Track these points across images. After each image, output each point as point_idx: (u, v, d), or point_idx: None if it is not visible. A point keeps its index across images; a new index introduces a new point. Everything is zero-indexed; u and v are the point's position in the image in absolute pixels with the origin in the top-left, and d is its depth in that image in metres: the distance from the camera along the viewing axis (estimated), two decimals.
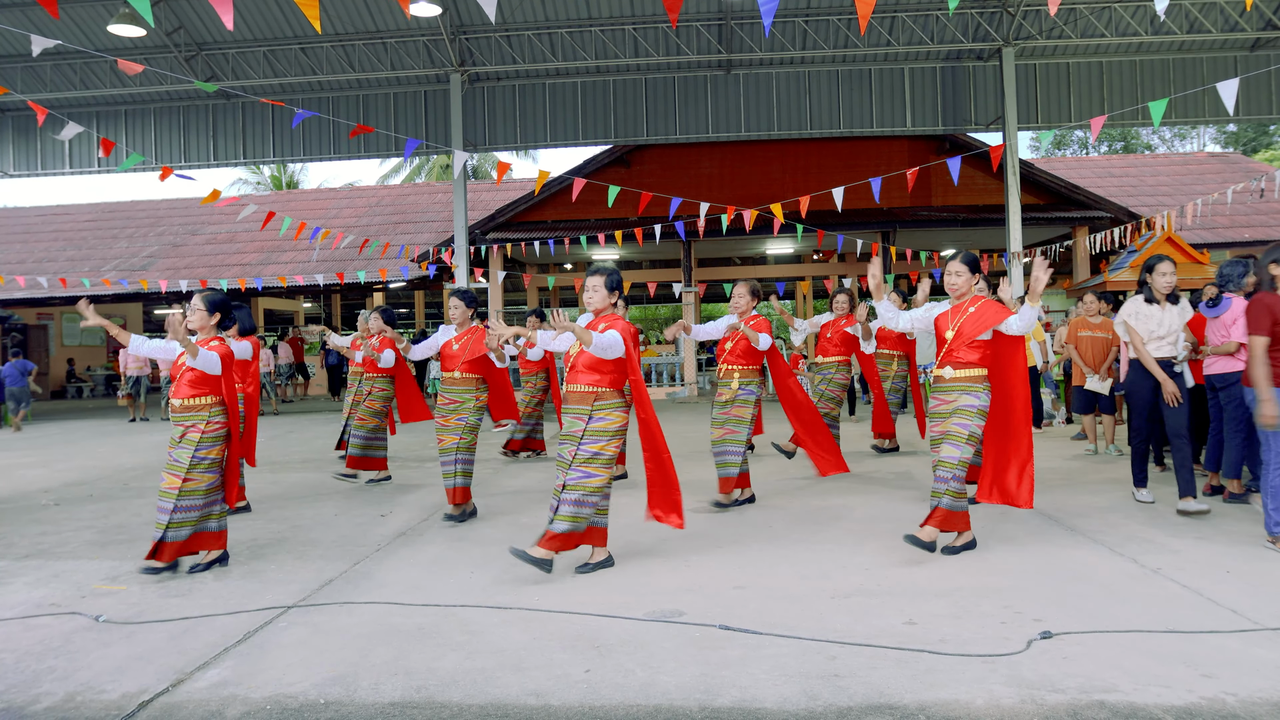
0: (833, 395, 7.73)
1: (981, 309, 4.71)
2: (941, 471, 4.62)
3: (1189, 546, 4.71)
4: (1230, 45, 14.98)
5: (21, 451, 11.02)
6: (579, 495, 4.38)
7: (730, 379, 6.02)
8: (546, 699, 2.95)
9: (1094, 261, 17.90)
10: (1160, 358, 5.67)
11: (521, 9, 14.11)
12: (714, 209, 12.13)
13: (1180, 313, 5.74)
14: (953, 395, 4.69)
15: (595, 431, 4.44)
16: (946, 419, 4.70)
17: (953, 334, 4.71)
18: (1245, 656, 3.14)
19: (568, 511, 4.36)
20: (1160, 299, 5.71)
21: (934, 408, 4.80)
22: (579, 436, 4.44)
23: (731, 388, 5.99)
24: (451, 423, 5.84)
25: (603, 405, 4.46)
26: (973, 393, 4.64)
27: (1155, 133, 37.84)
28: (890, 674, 3.07)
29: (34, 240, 23.07)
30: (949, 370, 4.71)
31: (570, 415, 4.53)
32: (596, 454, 4.42)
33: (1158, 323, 5.68)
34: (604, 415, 4.45)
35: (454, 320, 5.99)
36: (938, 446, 4.72)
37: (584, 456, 4.42)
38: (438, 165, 33.83)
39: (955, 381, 4.69)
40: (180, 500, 4.58)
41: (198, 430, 4.66)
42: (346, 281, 17.44)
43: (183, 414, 4.69)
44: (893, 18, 14.31)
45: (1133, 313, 5.76)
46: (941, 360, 4.76)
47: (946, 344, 4.74)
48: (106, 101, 16.30)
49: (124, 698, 3.05)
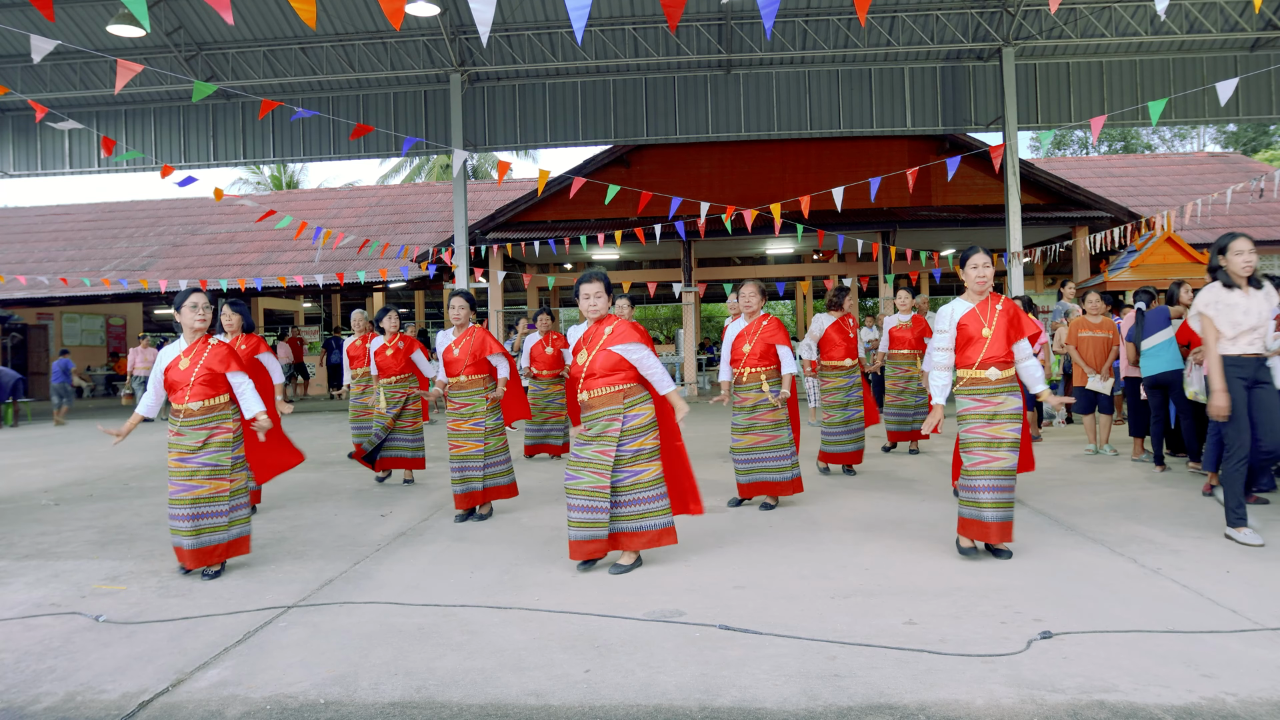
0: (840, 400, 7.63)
1: (1012, 310, 4.56)
2: (1005, 480, 4.42)
3: (1189, 546, 4.71)
4: (1230, 45, 14.99)
5: (21, 451, 11.02)
6: (636, 495, 4.44)
7: (757, 381, 5.92)
8: (546, 699, 2.95)
9: (1094, 261, 17.90)
10: (1248, 355, 4.78)
11: (521, 9, 14.12)
12: (714, 209, 12.13)
13: (1267, 297, 4.85)
14: (999, 397, 4.47)
15: (634, 429, 4.46)
16: (997, 423, 4.45)
17: (991, 332, 4.49)
18: (1245, 656, 3.14)
19: (634, 510, 4.43)
20: (1240, 282, 4.83)
21: (970, 409, 4.53)
22: (617, 437, 4.42)
23: (762, 390, 5.90)
24: (466, 428, 5.82)
25: (633, 401, 4.48)
26: (1016, 393, 4.50)
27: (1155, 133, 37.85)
28: (890, 674, 3.07)
29: (34, 240, 23.06)
30: (994, 371, 4.47)
31: (602, 418, 4.47)
32: (639, 451, 4.46)
33: (1244, 311, 4.76)
34: (637, 411, 4.48)
35: (455, 320, 5.97)
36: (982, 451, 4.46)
37: (626, 457, 4.44)
38: (438, 165, 33.83)
39: (1001, 383, 4.47)
40: (233, 499, 4.62)
41: (226, 430, 4.63)
42: (346, 281, 17.43)
43: (204, 415, 4.60)
44: (893, 18, 14.32)
45: (1212, 301, 4.84)
46: (984, 361, 4.48)
47: (985, 343, 4.49)
48: (106, 101, 16.30)
49: (124, 698, 3.05)
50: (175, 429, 4.60)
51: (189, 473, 4.55)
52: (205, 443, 4.58)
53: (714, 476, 7.26)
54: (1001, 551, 4.52)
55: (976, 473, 4.46)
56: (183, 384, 4.60)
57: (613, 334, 4.53)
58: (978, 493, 4.45)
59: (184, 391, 4.59)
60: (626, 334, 4.52)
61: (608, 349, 4.50)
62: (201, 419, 4.59)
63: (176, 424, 4.60)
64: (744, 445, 5.98)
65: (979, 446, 4.48)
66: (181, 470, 4.55)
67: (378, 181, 35.11)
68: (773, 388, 5.91)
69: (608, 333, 4.53)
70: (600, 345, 4.52)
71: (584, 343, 4.60)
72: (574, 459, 4.52)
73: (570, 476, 4.50)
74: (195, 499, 4.52)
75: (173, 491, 4.55)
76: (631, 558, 4.54)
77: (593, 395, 4.50)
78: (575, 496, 4.45)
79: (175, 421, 4.61)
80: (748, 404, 5.96)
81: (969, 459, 4.51)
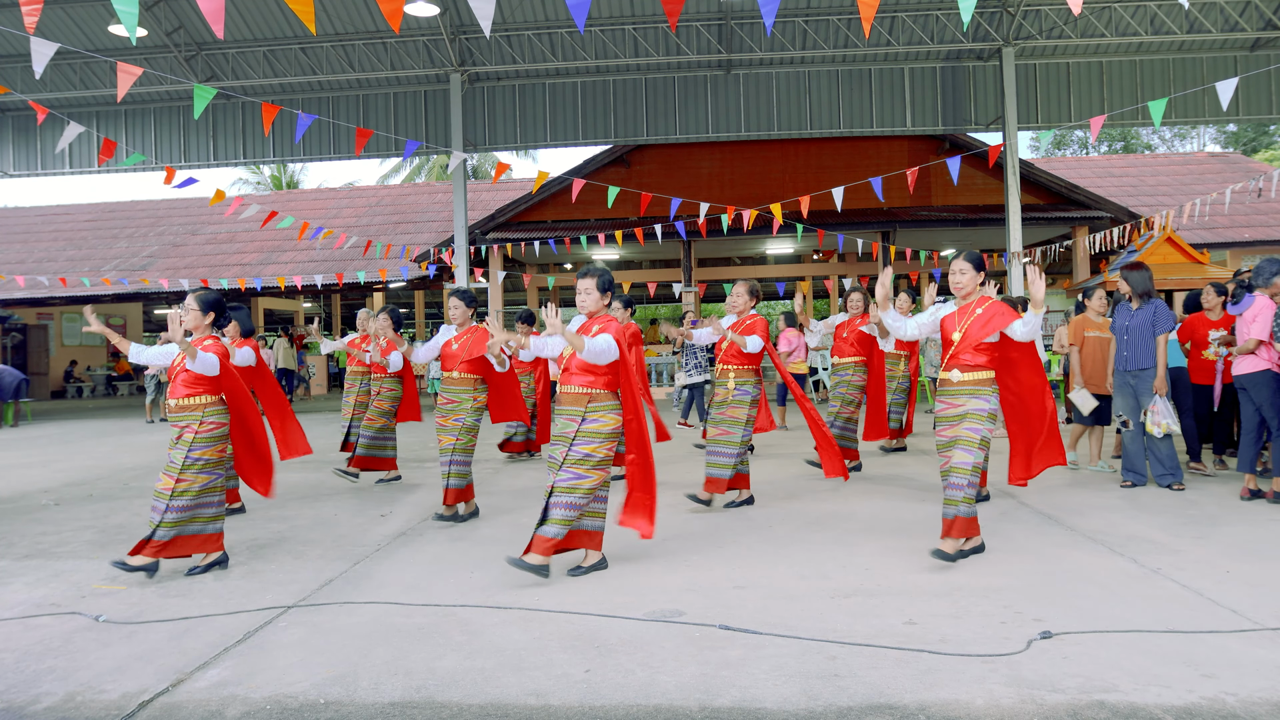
0: (851, 397, 7.64)
1: (990, 310, 4.56)
2: (955, 479, 4.45)
3: (1189, 546, 4.71)
4: (1230, 45, 14.99)
5: (21, 451, 11.02)
6: (569, 499, 4.33)
7: (726, 379, 6.01)
8: (546, 699, 2.94)
9: (1094, 261, 17.90)
10: None
11: (521, 9, 14.12)
12: (714, 209, 12.14)
13: None
14: (961, 400, 4.53)
15: (588, 433, 4.39)
16: (956, 423, 4.52)
17: (959, 336, 4.56)
18: (1245, 656, 3.14)
19: (558, 515, 4.32)
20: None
21: (940, 411, 4.62)
22: (570, 438, 4.39)
23: (728, 387, 5.98)
24: (449, 423, 5.82)
25: (596, 407, 4.41)
26: (981, 396, 4.50)
27: (1155, 133, 37.84)
28: (890, 674, 3.07)
29: (34, 240, 23.07)
30: (956, 373, 4.54)
31: (563, 417, 4.47)
32: (588, 455, 4.37)
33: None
34: (598, 417, 4.40)
35: (454, 320, 5.98)
36: (947, 451, 4.54)
37: (575, 458, 4.36)
38: (438, 165, 33.81)
39: (963, 385, 4.53)
40: (172, 500, 4.54)
41: (192, 430, 4.65)
42: (346, 281, 17.44)
43: (179, 414, 4.68)
44: (893, 18, 14.32)
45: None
46: (947, 363, 4.58)
47: (953, 346, 4.57)
48: (106, 101, 16.30)
49: (124, 698, 3.05)
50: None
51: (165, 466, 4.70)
52: (177, 439, 4.66)
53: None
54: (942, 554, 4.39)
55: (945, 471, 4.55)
56: (171, 380, 4.77)
57: (595, 335, 4.49)
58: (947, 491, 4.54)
59: (171, 387, 4.75)
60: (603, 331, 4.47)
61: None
62: (176, 415, 4.70)
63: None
64: (709, 437, 6.09)
65: (945, 448, 4.58)
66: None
67: (378, 181, 35.12)
68: (739, 386, 5.95)
69: (593, 332, 4.51)
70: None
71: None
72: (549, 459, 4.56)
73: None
74: (154, 492, 4.64)
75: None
76: (596, 558, 4.53)
77: (563, 390, 4.51)
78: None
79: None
80: (719, 399, 6.06)
81: (940, 460, 4.60)
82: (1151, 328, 6.40)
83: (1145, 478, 6.52)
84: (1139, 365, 6.48)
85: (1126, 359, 6.55)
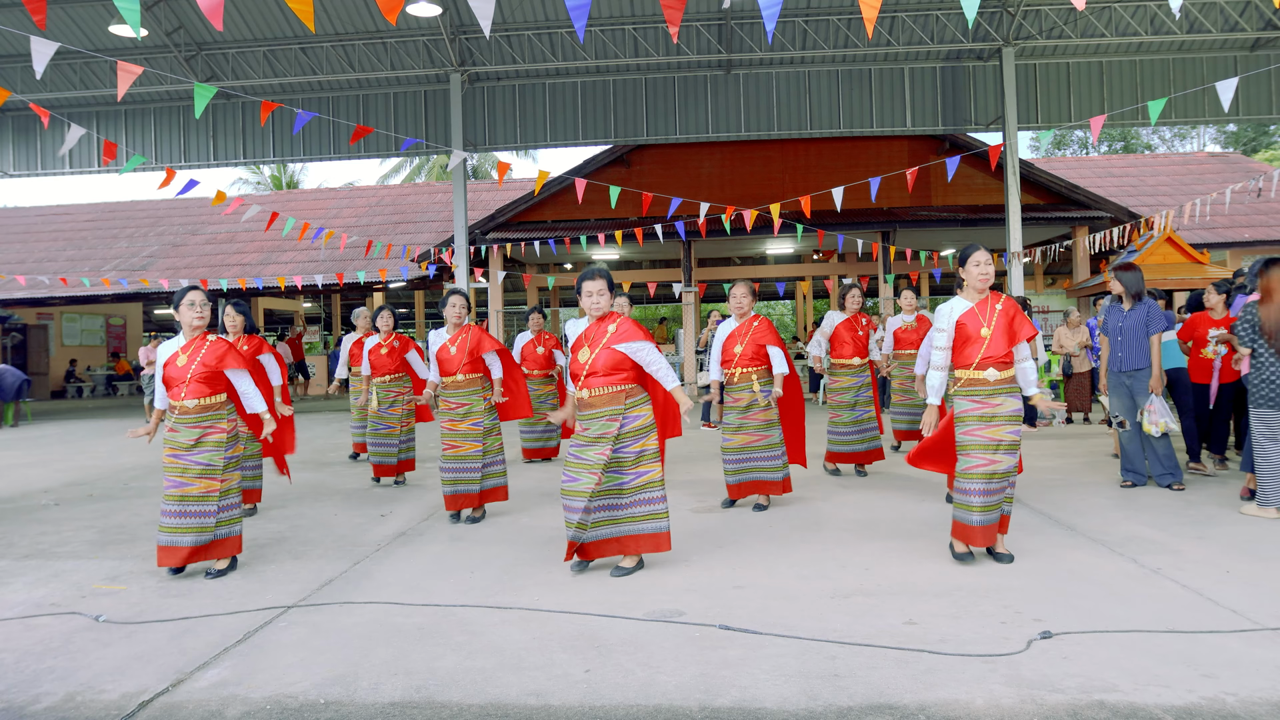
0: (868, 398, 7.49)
1: (1013, 309, 4.46)
2: (997, 484, 4.34)
3: (1189, 546, 4.71)
4: (1230, 45, 14.99)
5: (21, 451, 11.02)
6: (643, 495, 4.43)
7: (748, 382, 5.92)
8: (546, 699, 2.95)
9: (1094, 261, 17.90)
10: None
11: (521, 9, 14.12)
12: (714, 209, 12.14)
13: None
14: (997, 399, 4.36)
15: (635, 430, 4.44)
16: (995, 425, 4.35)
17: (990, 332, 4.38)
18: (1245, 656, 3.14)
19: (642, 511, 4.42)
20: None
21: (967, 411, 4.41)
22: (614, 438, 4.38)
23: (753, 390, 5.90)
24: (464, 428, 5.78)
25: (634, 401, 4.46)
26: (1015, 395, 4.40)
27: (1155, 133, 37.83)
28: (890, 674, 3.07)
29: (34, 240, 23.06)
30: (993, 372, 4.36)
31: (602, 418, 4.43)
32: (643, 451, 4.46)
33: None
34: (638, 411, 4.46)
35: (451, 319, 5.89)
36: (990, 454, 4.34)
37: (630, 458, 4.43)
38: (438, 165, 33.81)
39: (1000, 384, 4.37)
40: (223, 500, 4.60)
41: (220, 430, 4.61)
42: (346, 281, 17.44)
43: (200, 414, 4.58)
44: (893, 18, 14.32)
45: None
46: (983, 360, 4.37)
47: (984, 343, 4.37)
48: (107, 101, 16.30)
49: (124, 698, 3.05)
50: (171, 425, 4.61)
51: (181, 469, 4.55)
52: (199, 441, 4.56)
53: (709, 475, 7.26)
54: (1003, 556, 4.48)
55: (971, 475, 4.37)
56: (179, 381, 4.59)
57: (617, 332, 4.45)
58: (970, 496, 4.36)
59: (180, 388, 4.58)
60: (631, 333, 4.46)
61: (611, 347, 4.43)
62: (196, 417, 4.58)
63: (172, 420, 4.61)
64: (735, 445, 5.97)
65: (976, 449, 4.38)
66: (175, 466, 4.56)
67: (378, 181, 35.12)
68: (764, 388, 5.90)
69: (611, 330, 4.46)
70: (604, 344, 4.44)
71: (585, 340, 4.51)
72: (573, 460, 4.48)
73: (568, 479, 4.45)
74: (183, 496, 4.53)
75: (166, 487, 4.57)
76: (634, 560, 4.51)
77: (593, 394, 4.44)
78: (571, 498, 4.41)
79: (171, 418, 4.62)
80: (740, 404, 5.95)
81: (964, 462, 4.41)
82: (1145, 328, 6.42)
83: (1145, 478, 6.53)
84: (1133, 366, 6.49)
85: (1121, 360, 6.56)
